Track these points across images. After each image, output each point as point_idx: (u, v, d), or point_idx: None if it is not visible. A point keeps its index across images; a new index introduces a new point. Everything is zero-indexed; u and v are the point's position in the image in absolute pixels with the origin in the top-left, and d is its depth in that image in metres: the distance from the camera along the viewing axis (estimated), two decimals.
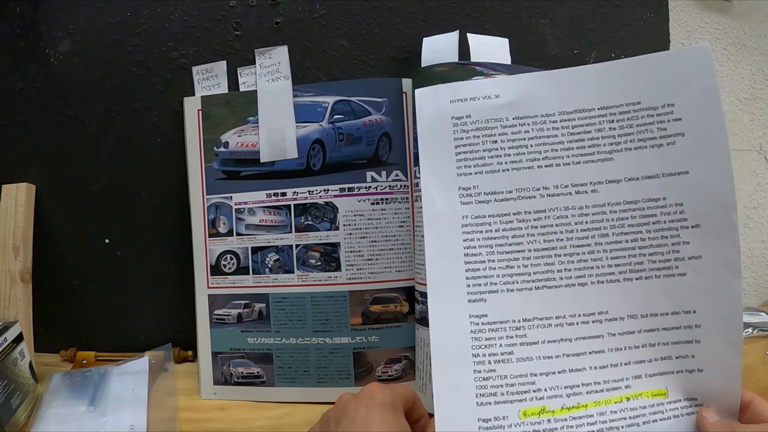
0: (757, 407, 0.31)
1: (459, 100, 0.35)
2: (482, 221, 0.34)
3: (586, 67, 0.35)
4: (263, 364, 0.53)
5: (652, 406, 0.32)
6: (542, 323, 0.33)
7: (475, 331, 0.33)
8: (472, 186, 0.35)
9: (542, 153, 0.34)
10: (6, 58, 0.56)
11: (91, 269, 0.58)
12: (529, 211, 0.34)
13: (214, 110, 0.54)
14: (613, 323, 0.33)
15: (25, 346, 0.49)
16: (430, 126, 0.36)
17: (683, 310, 0.33)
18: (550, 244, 0.34)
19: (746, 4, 0.69)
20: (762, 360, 0.54)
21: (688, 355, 0.33)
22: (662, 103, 0.33)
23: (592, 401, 0.32)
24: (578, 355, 0.33)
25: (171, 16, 0.55)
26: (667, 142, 0.33)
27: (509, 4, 0.56)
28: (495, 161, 0.35)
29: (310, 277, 0.52)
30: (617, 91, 0.34)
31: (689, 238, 0.33)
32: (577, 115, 0.34)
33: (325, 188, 0.52)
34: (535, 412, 0.32)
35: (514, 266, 0.34)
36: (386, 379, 0.51)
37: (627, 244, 0.33)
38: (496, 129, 0.35)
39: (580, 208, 0.34)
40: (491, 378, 0.32)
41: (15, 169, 0.57)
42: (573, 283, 0.34)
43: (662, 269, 0.33)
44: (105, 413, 0.47)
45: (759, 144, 0.72)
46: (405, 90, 0.52)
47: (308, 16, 0.55)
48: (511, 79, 0.36)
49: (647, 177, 0.33)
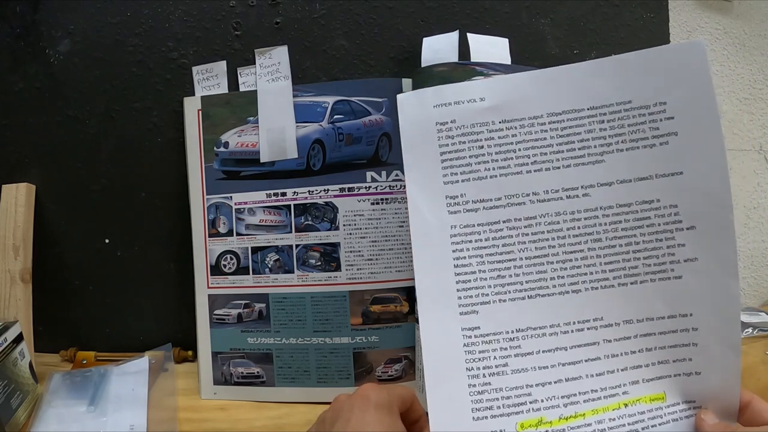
0: (756, 407, 0.31)
1: (443, 104, 0.34)
2: (471, 230, 0.33)
3: (573, 65, 0.33)
4: (263, 364, 0.53)
5: (650, 411, 0.32)
6: (536, 333, 0.33)
7: (468, 344, 0.32)
8: (460, 194, 0.34)
9: (531, 157, 0.33)
10: (6, 58, 0.56)
11: (91, 269, 0.58)
12: (519, 218, 0.33)
13: (214, 110, 0.54)
14: (608, 329, 0.33)
15: (25, 346, 0.49)
16: (413, 132, 0.34)
17: (680, 314, 0.32)
18: (542, 251, 0.33)
19: (746, 4, 0.69)
20: (762, 360, 0.54)
21: (685, 359, 0.32)
22: (654, 101, 0.32)
23: (590, 410, 0.32)
24: (574, 364, 0.32)
25: (171, 16, 0.55)
26: (659, 142, 0.32)
27: (509, 4, 0.56)
28: (482, 167, 0.33)
29: (310, 277, 0.52)
30: (607, 89, 0.33)
31: (685, 240, 0.32)
32: (566, 116, 0.33)
33: (325, 188, 0.52)
34: (533, 424, 0.31)
35: (505, 276, 0.33)
36: (386, 379, 0.51)
37: (621, 248, 0.32)
38: (482, 134, 0.34)
39: (572, 213, 0.33)
40: (486, 391, 0.32)
41: (15, 169, 0.57)
42: (566, 290, 0.33)
43: (657, 273, 0.32)
44: (105, 413, 0.47)
45: (759, 144, 0.72)
46: (405, 90, 0.52)
47: (308, 16, 0.55)
48: (497, 80, 0.35)
49: (640, 179, 0.32)
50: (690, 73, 0.31)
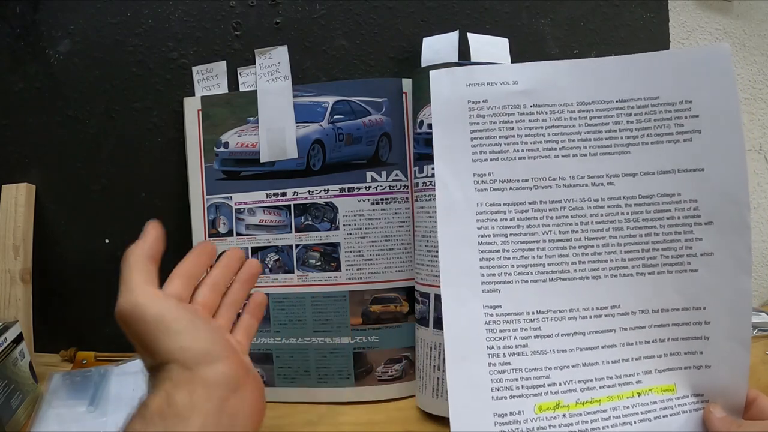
0: (761, 404, 0.32)
1: (476, 84, 0.35)
2: (497, 209, 0.34)
3: (605, 59, 0.34)
4: (263, 364, 0.53)
5: (662, 402, 0.32)
6: (556, 316, 0.33)
7: (489, 322, 0.32)
8: (488, 173, 0.34)
9: (559, 143, 0.34)
10: (6, 58, 0.56)
11: (91, 269, 0.58)
12: (544, 201, 0.34)
13: (214, 110, 0.54)
14: (625, 318, 0.33)
15: (25, 346, 0.49)
16: (444, 109, 0.35)
17: (694, 306, 0.33)
18: (565, 235, 0.33)
19: (746, 4, 0.69)
20: (762, 360, 0.54)
21: (696, 351, 0.33)
22: (681, 99, 0.33)
23: (605, 396, 0.32)
24: (591, 349, 0.33)
25: (171, 16, 0.55)
26: (683, 138, 0.33)
27: (509, 4, 0.56)
28: (511, 148, 0.34)
29: (310, 277, 0.52)
30: (636, 84, 0.34)
31: (702, 234, 0.33)
32: (596, 106, 0.34)
33: (325, 188, 0.52)
34: (551, 407, 0.31)
35: (528, 257, 0.33)
36: (386, 379, 0.51)
37: (641, 238, 0.33)
38: (513, 116, 0.34)
39: (596, 200, 0.33)
40: (506, 371, 0.32)
41: (15, 169, 0.57)
42: (587, 275, 0.33)
43: (675, 265, 0.33)
44: (105, 413, 0.47)
45: (759, 144, 0.72)
46: (405, 90, 0.52)
47: (308, 16, 0.55)
48: (530, 66, 0.35)
49: (663, 172, 0.33)
50: (716, 75, 0.33)
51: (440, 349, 0.47)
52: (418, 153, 0.49)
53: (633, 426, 0.31)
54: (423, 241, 0.48)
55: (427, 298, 0.47)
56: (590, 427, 0.31)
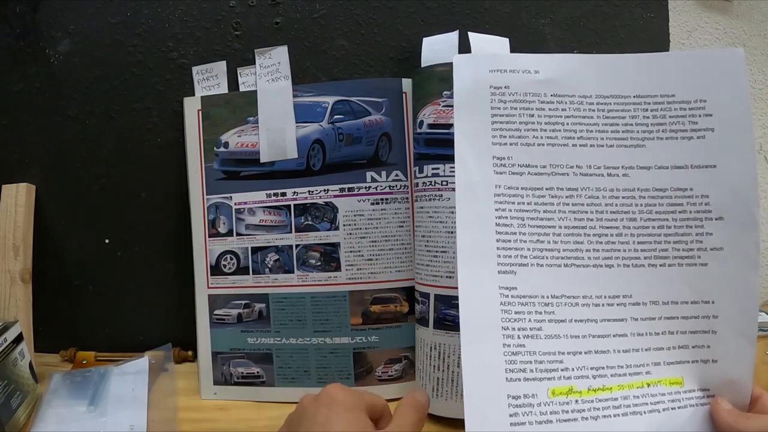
0: (766, 402, 0.32)
1: (498, 70, 0.36)
2: (515, 192, 0.34)
3: (626, 55, 0.35)
4: (263, 364, 0.53)
5: (670, 394, 0.33)
6: (570, 301, 0.33)
7: (504, 303, 0.33)
8: (507, 156, 0.35)
9: (577, 132, 0.35)
10: (6, 58, 0.56)
11: (91, 269, 0.58)
12: (561, 188, 0.34)
13: (214, 110, 0.54)
14: (636, 308, 0.34)
15: (25, 346, 0.49)
16: (467, 92, 0.35)
17: (702, 300, 0.33)
18: (580, 222, 0.34)
19: (746, 4, 0.69)
20: (762, 360, 0.54)
21: (704, 345, 0.33)
22: (696, 98, 0.34)
23: (616, 384, 0.32)
24: (603, 337, 0.33)
25: (171, 16, 0.55)
26: (697, 135, 0.34)
27: (509, 4, 0.56)
28: (531, 134, 0.35)
29: (310, 277, 0.52)
30: (654, 81, 0.35)
31: (713, 229, 0.33)
32: (614, 100, 0.35)
33: (325, 188, 0.52)
34: (564, 392, 0.32)
35: (544, 241, 0.34)
36: (386, 379, 0.51)
37: (653, 230, 0.34)
38: (533, 103, 0.35)
39: (611, 191, 0.34)
40: (520, 353, 0.32)
41: (15, 169, 0.57)
42: (600, 264, 0.34)
43: (685, 258, 0.34)
44: (105, 413, 0.47)
45: (759, 144, 0.72)
46: (405, 90, 0.52)
47: (308, 16, 0.55)
48: (552, 57, 0.36)
49: (677, 167, 0.34)
50: (730, 77, 0.34)
51: (440, 349, 0.47)
52: (418, 153, 0.49)
53: (642, 416, 0.32)
54: (423, 241, 0.48)
55: (427, 298, 0.47)
56: (602, 414, 0.31)
